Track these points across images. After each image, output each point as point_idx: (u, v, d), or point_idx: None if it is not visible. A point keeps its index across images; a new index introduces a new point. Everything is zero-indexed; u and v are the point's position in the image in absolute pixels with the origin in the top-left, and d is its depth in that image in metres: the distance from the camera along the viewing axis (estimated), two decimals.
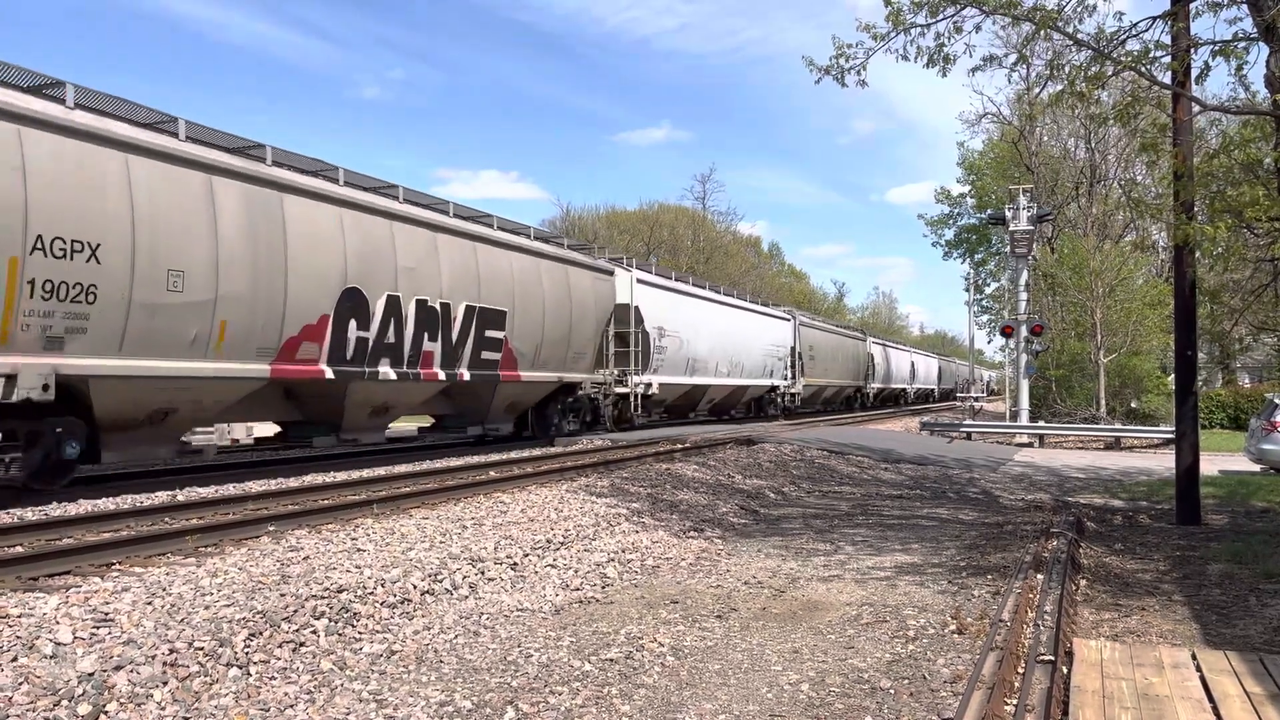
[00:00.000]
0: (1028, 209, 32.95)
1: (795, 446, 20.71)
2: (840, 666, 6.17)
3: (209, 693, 5.18)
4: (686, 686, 5.76)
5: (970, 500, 15.39)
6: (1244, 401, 38.57)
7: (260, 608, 6.21)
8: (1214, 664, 5.78)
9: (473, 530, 9.52)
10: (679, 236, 65.72)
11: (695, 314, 29.35)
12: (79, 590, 6.25)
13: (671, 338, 27.29)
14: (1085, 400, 35.85)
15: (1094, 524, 12.92)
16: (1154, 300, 34.26)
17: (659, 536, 10.49)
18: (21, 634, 5.27)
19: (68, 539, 8.27)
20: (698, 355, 29.29)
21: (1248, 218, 11.61)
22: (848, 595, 8.17)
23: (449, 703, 5.32)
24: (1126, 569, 9.82)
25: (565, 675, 5.85)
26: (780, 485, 15.85)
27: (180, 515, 9.63)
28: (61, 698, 4.71)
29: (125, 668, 5.09)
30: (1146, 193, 35.97)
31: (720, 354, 31.08)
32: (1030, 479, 19.19)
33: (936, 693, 5.66)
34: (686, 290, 29.81)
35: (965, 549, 10.46)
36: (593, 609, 7.62)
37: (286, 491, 11.35)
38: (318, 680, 5.58)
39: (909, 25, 10.13)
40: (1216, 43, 10.03)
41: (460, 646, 6.41)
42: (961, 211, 57.34)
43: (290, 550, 8.05)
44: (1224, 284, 19.77)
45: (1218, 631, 7.30)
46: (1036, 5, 9.97)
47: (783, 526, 12.07)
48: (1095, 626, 7.47)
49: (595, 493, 12.57)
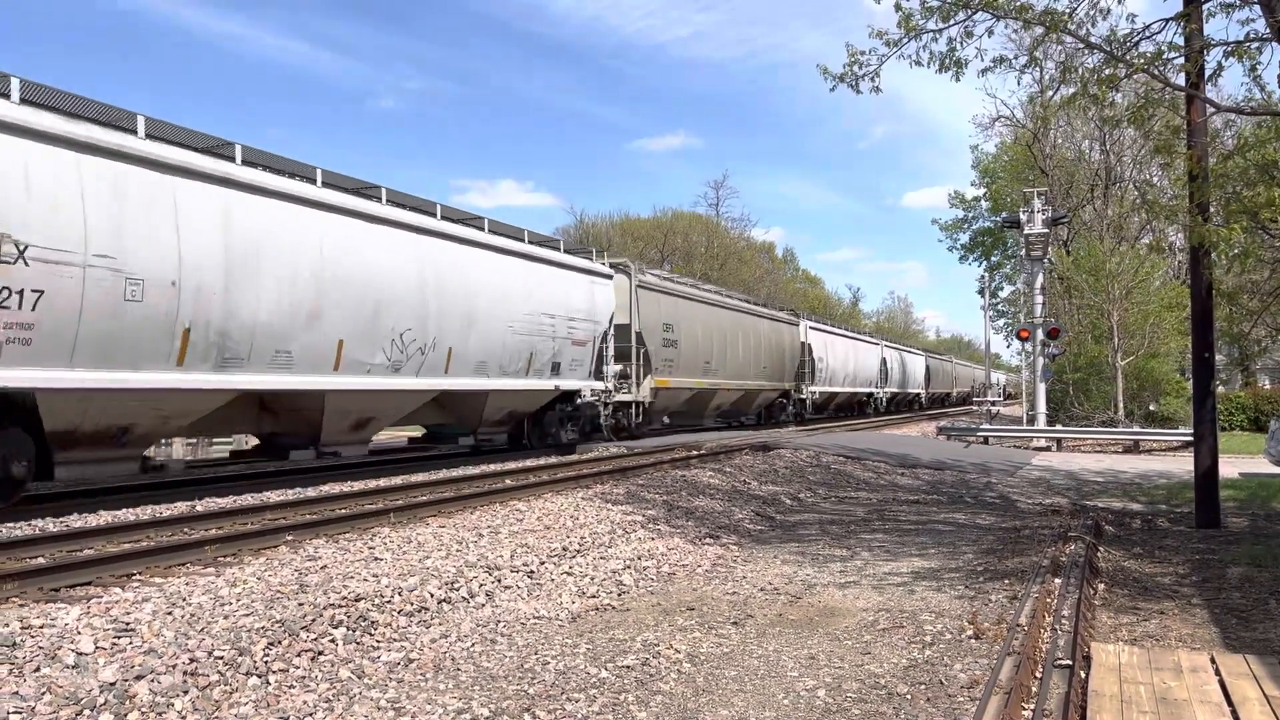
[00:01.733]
0: (1042, 212, 32.82)
1: (811, 452, 20.68)
2: (857, 672, 6.17)
3: (229, 701, 5.22)
4: (703, 693, 5.77)
5: (987, 505, 15.33)
6: (1264, 403, 38.25)
7: (279, 617, 6.26)
8: (1233, 667, 5.75)
9: (489, 538, 9.56)
10: (692, 243, 65.73)
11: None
12: (100, 600, 6.31)
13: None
14: (1103, 403, 35.62)
15: (1112, 528, 12.85)
16: (1171, 302, 34.02)
17: (675, 543, 10.49)
18: (44, 644, 5.33)
19: (88, 550, 8.35)
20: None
21: (1263, 219, 11.56)
22: (864, 601, 8.16)
23: (466, 710, 5.35)
24: (1145, 573, 9.77)
25: (582, 682, 5.87)
26: (796, 491, 15.83)
27: (199, 525, 9.71)
28: (84, 707, 4.76)
29: (146, 677, 5.13)
30: (1162, 194, 35.76)
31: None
32: (1048, 483, 19.10)
33: (953, 698, 5.65)
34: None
35: (982, 554, 10.42)
36: (609, 616, 7.63)
37: (304, 501, 11.42)
38: (336, 689, 5.61)
39: (921, 31, 10.13)
40: (1229, 43, 9.99)
41: (477, 654, 6.44)
42: (976, 215, 57.20)
43: (308, 560, 8.10)
44: (1241, 285, 19.63)
45: (1237, 635, 7.25)
46: (1048, 9, 9.96)
47: (799, 532, 12.06)
48: (1113, 631, 7.44)
49: (611, 500, 12.59)
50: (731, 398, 32.01)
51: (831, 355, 41.60)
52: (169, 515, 10.10)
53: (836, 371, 42.20)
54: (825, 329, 42.56)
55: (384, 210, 15.12)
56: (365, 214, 14.59)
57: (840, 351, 43.23)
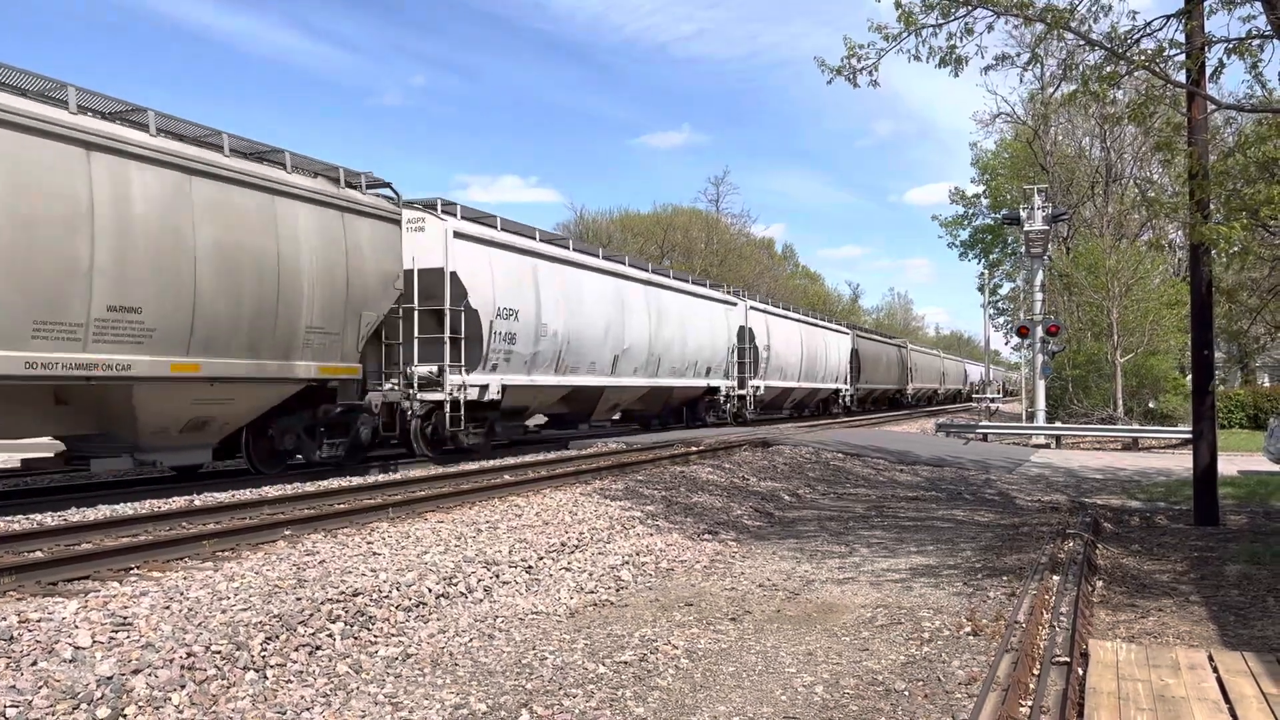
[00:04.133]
0: (1043, 209, 32.80)
1: (811, 449, 20.68)
2: (855, 668, 6.16)
3: (226, 696, 5.22)
4: (701, 689, 5.77)
5: (986, 501, 15.33)
6: (1263, 401, 38.29)
7: (277, 611, 6.25)
8: (1231, 665, 5.75)
9: (487, 534, 9.56)
10: (693, 239, 65.68)
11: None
12: (98, 595, 6.30)
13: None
14: (1102, 401, 35.64)
15: (1111, 525, 12.86)
16: (1171, 300, 34.03)
17: (673, 539, 10.49)
18: (41, 638, 5.33)
19: (86, 544, 8.35)
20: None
21: (1263, 216, 11.54)
22: (862, 597, 8.16)
23: (464, 705, 5.34)
24: (1143, 570, 9.77)
25: (580, 678, 5.87)
26: (795, 488, 15.83)
27: (197, 520, 9.71)
28: (81, 701, 4.75)
29: (143, 671, 5.13)
30: (1162, 192, 35.74)
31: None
32: (1047, 480, 19.10)
33: (951, 694, 5.65)
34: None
35: (981, 550, 10.42)
36: (607, 612, 7.63)
37: (302, 496, 11.42)
38: (334, 683, 5.61)
39: (920, 26, 10.09)
40: (1230, 40, 9.96)
41: (475, 649, 6.44)
42: (976, 212, 57.13)
43: (306, 554, 8.10)
44: (1241, 283, 19.61)
45: (1235, 632, 7.26)
46: (1048, 6, 9.92)
47: (798, 529, 12.06)
48: (1111, 628, 7.44)
49: (610, 496, 12.59)
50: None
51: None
52: (167, 510, 10.09)
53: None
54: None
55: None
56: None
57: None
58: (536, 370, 19.24)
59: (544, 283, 19.44)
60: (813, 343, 38.59)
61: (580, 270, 21.46)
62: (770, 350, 33.12)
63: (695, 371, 27.23)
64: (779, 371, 34.37)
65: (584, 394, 21.91)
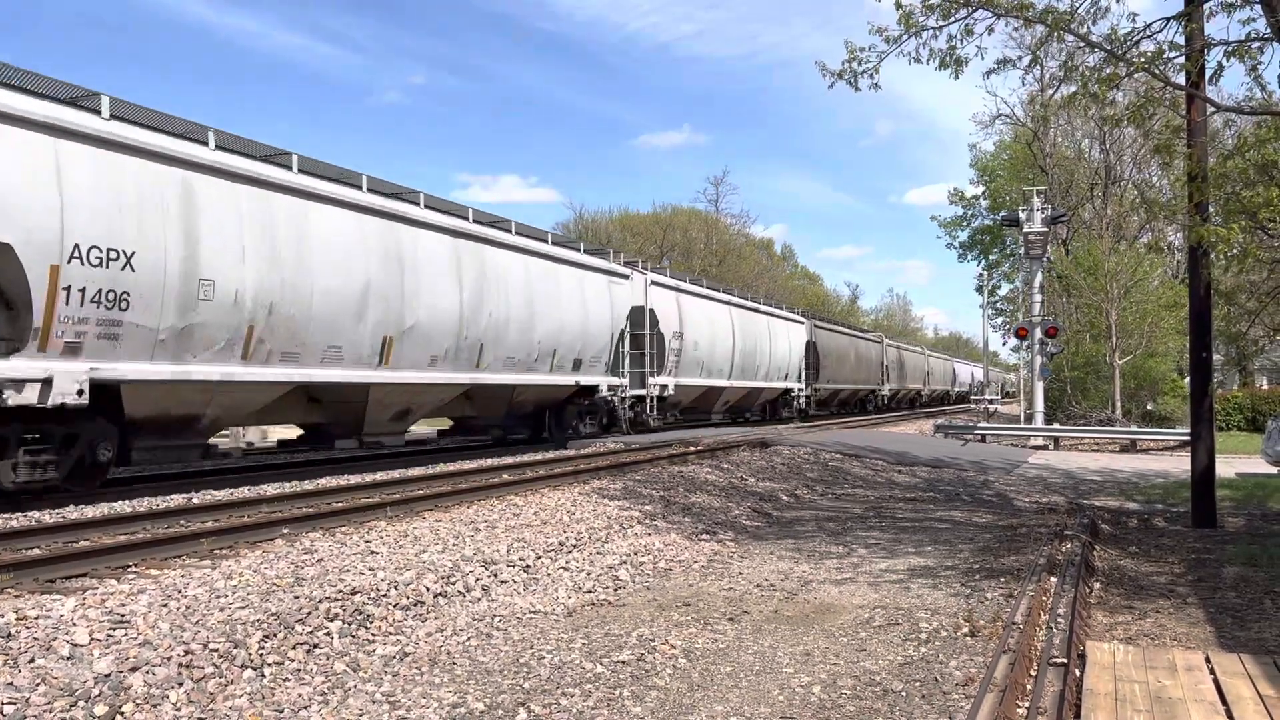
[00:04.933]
0: (1042, 210, 32.83)
1: (809, 449, 20.70)
2: (852, 669, 6.17)
3: (224, 694, 5.21)
4: (698, 688, 5.77)
5: (984, 503, 15.34)
6: (1261, 403, 38.31)
7: (275, 610, 6.25)
8: (1228, 667, 5.76)
9: (486, 533, 9.56)
10: (692, 239, 65.70)
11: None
12: (95, 592, 6.30)
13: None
14: (1101, 402, 35.70)
15: (1109, 526, 12.87)
16: (1169, 302, 34.10)
17: (671, 539, 10.49)
18: (39, 635, 5.33)
19: (84, 541, 8.35)
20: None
21: (1262, 219, 11.55)
22: (860, 598, 8.16)
23: (461, 704, 5.35)
24: (1141, 571, 9.78)
25: (577, 677, 5.87)
26: (794, 488, 15.83)
27: (196, 518, 9.70)
28: (78, 698, 4.75)
29: (141, 669, 5.13)
30: (1161, 194, 35.78)
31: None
32: (1045, 481, 19.11)
33: (949, 695, 5.65)
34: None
35: (979, 551, 10.43)
36: (605, 611, 7.63)
37: (301, 494, 11.41)
38: (331, 682, 5.61)
39: (921, 28, 10.10)
40: (1230, 43, 9.97)
41: (473, 648, 6.44)
42: (976, 213, 57.20)
43: (304, 553, 8.10)
44: (1240, 285, 19.65)
45: (1232, 634, 7.26)
46: (1049, 7, 9.93)
47: (796, 529, 12.06)
48: (1109, 629, 7.45)
49: (608, 495, 12.59)
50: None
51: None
52: (165, 508, 10.08)
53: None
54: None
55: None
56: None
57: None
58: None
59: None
60: (751, 331, 31.83)
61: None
62: (683, 339, 26.73)
63: (554, 365, 19.36)
64: (699, 367, 27.83)
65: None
